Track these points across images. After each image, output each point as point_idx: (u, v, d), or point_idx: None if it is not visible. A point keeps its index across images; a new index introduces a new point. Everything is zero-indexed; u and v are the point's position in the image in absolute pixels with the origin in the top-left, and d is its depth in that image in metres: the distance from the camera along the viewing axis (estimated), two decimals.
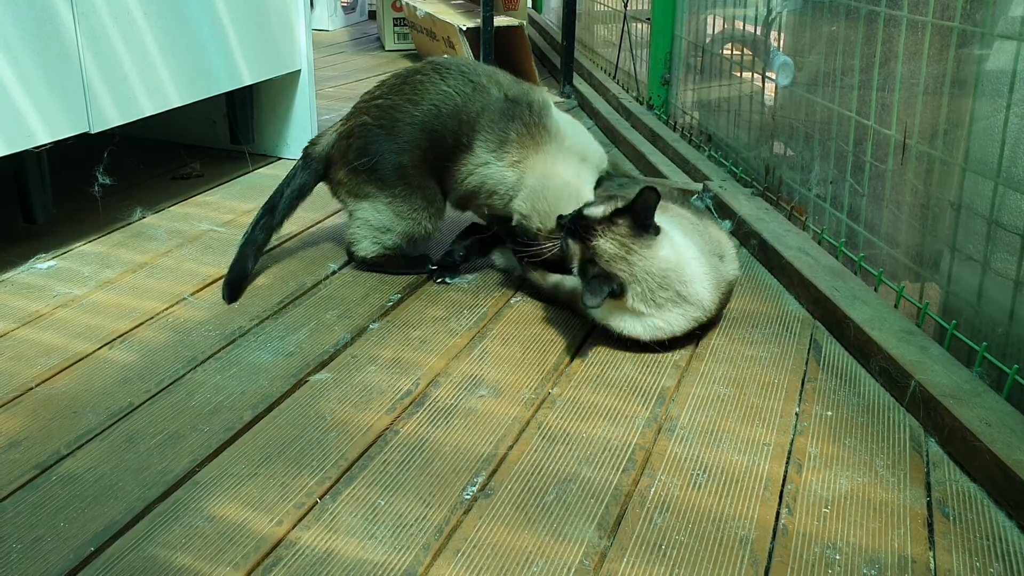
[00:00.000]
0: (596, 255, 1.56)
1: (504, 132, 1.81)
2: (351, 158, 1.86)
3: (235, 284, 1.84)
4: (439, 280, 1.90)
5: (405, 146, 1.83)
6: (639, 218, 1.55)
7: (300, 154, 1.97)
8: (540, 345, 1.63)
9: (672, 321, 1.58)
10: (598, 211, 1.60)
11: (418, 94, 1.85)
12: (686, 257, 1.59)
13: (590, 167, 1.88)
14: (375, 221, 1.87)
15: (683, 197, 1.94)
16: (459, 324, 1.71)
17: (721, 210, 2.21)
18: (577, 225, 1.59)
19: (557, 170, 1.80)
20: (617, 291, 1.55)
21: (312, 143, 1.97)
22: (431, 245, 1.97)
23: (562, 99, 3.58)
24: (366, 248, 1.90)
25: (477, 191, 1.85)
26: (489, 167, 1.82)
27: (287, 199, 1.92)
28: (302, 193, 1.94)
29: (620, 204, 1.59)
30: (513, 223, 1.82)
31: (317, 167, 1.93)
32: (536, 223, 1.77)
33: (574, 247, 1.60)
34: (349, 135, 1.88)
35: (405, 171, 1.84)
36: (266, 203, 1.91)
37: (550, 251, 1.70)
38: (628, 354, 1.60)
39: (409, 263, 1.92)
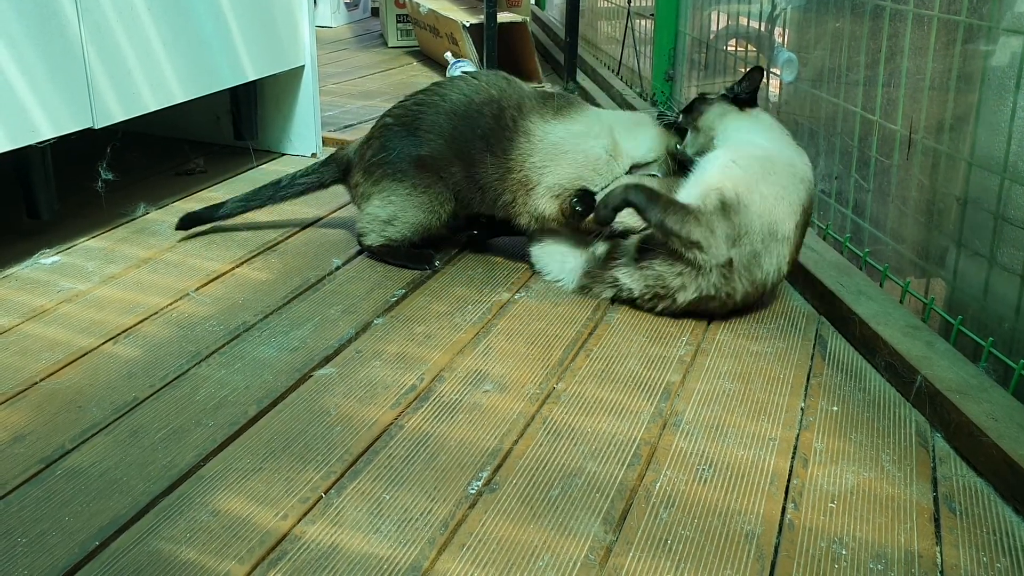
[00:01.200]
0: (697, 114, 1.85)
1: (560, 100, 1.89)
2: (368, 156, 1.92)
3: (195, 219, 2.05)
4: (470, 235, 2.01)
5: (425, 137, 1.86)
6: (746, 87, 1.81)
7: (304, 151, 2.00)
8: (545, 340, 1.63)
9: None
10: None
11: (446, 89, 1.90)
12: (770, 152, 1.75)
13: None
14: (383, 215, 1.91)
15: None
16: (463, 319, 1.70)
17: None
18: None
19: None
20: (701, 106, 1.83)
21: (340, 149, 2.07)
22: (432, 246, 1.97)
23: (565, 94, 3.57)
24: (372, 239, 1.95)
25: (541, 171, 1.83)
26: (554, 131, 1.84)
27: (299, 181, 2.04)
28: (319, 184, 2.04)
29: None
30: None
31: (338, 167, 2.03)
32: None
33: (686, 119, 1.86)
34: (370, 138, 1.95)
35: (423, 161, 1.87)
36: (272, 181, 2.04)
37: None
38: (633, 349, 1.60)
39: (412, 258, 1.93)
